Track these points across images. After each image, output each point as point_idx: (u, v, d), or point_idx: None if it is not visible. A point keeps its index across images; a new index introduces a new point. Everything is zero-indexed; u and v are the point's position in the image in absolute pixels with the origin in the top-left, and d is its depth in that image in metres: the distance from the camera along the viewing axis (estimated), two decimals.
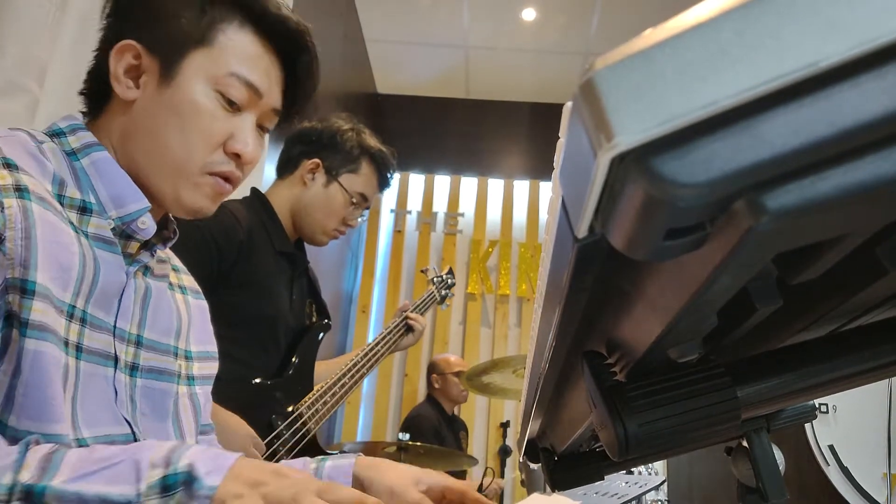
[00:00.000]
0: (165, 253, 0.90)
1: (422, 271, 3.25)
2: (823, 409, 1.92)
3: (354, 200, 1.63)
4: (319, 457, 0.90)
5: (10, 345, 0.64)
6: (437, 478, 0.84)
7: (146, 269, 0.83)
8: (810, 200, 0.18)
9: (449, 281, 2.29)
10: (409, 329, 1.90)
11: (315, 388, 1.61)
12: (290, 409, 1.51)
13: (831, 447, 1.88)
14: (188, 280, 0.95)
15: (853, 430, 1.90)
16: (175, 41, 0.78)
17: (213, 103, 0.79)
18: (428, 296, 2.13)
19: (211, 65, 0.79)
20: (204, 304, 0.95)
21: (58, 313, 0.67)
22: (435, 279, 2.26)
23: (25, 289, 0.64)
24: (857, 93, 0.18)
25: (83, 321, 0.70)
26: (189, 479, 0.55)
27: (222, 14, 0.80)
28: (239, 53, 0.80)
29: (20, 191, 0.66)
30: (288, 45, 0.86)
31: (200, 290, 0.97)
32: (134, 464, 0.56)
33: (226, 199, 0.86)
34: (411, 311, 1.93)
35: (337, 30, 3.54)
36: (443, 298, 2.24)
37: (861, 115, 0.18)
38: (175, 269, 0.93)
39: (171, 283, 0.89)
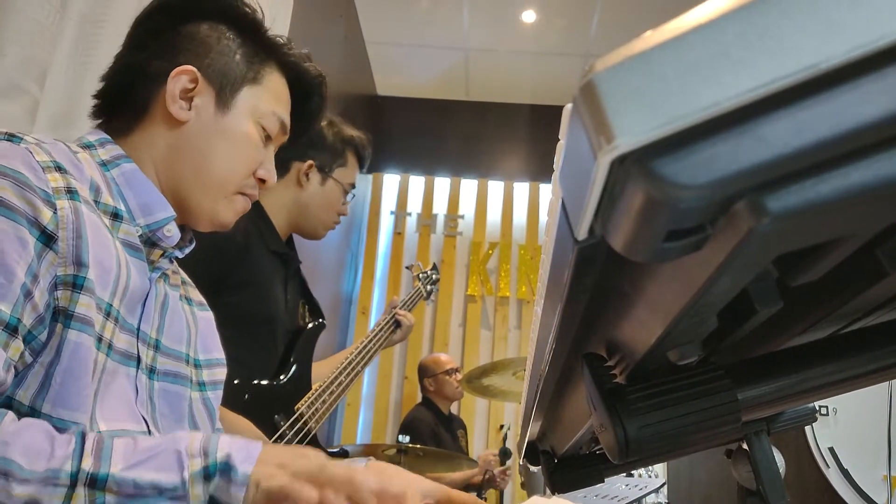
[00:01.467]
0: (174, 266, 0.94)
1: (406, 268, 3.28)
2: (823, 411, 1.92)
3: (347, 191, 1.71)
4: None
5: (51, 338, 0.68)
6: (443, 491, 0.83)
7: (164, 277, 0.88)
8: (811, 202, 0.18)
9: (433, 276, 2.39)
10: (398, 324, 1.95)
11: (313, 387, 1.61)
12: (291, 408, 1.52)
13: (831, 449, 1.87)
14: (194, 293, 0.99)
15: (853, 432, 1.90)
16: (234, 76, 0.89)
17: (257, 136, 0.90)
18: (415, 292, 2.22)
19: (258, 102, 0.90)
20: (210, 315, 1.00)
21: (97, 310, 0.71)
22: (420, 275, 2.36)
23: (75, 284, 0.69)
24: (858, 94, 0.18)
25: (116, 320, 0.75)
26: (226, 468, 0.63)
27: (266, 57, 0.92)
28: (279, 94, 0.94)
29: (71, 192, 0.71)
30: (304, 91, 0.99)
31: (205, 302, 1.01)
32: (175, 454, 0.63)
33: None
34: (399, 308, 1.98)
35: (337, 32, 3.54)
36: (429, 294, 2.34)
37: (862, 116, 0.18)
38: (183, 282, 0.97)
39: (181, 295, 0.93)
